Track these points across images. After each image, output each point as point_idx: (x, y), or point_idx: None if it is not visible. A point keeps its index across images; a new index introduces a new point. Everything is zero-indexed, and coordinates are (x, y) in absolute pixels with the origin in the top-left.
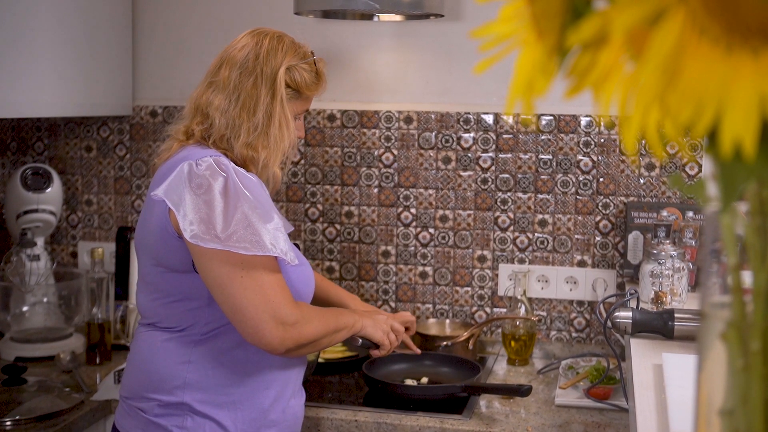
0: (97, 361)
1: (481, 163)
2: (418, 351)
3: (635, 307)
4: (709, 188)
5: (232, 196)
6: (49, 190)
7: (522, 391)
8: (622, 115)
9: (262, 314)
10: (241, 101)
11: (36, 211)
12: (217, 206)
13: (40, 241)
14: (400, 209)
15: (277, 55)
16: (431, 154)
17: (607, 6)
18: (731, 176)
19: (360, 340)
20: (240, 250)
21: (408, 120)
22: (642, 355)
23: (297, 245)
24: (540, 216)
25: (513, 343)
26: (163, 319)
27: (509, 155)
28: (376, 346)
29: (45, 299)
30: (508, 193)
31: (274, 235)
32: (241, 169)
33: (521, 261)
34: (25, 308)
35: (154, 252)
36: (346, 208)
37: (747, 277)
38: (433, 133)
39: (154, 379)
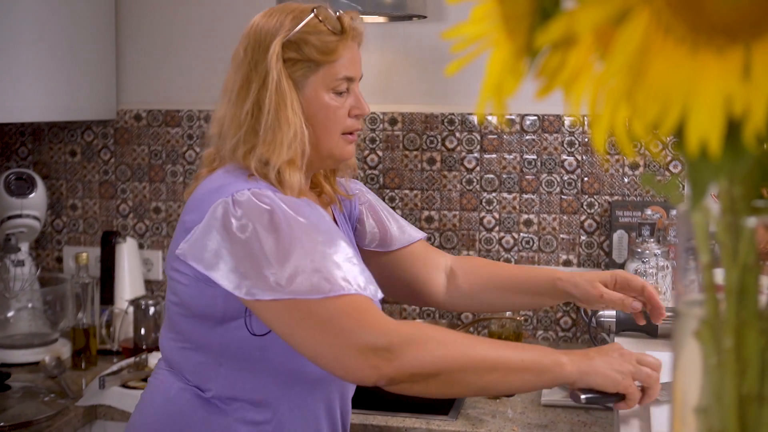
0: (83, 366)
1: (465, 163)
2: None
3: None
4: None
5: (284, 230)
6: (32, 195)
7: None
8: (593, 114)
9: (339, 351)
10: (233, 101)
11: (20, 216)
12: (268, 248)
13: (24, 247)
14: None
15: (268, 33)
16: (416, 155)
17: (574, 6)
18: (699, 174)
19: (583, 397)
20: (309, 295)
21: (392, 121)
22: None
23: None
24: (525, 216)
25: None
26: (178, 365)
27: (494, 155)
28: (618, 397)
29: (30, 305)
30: (493, 194)
31: (346, 266)
32: (289, 197)
33: (507, 261)
34: (9, 314)
35: (178, 289)
36: None
37: (720, 275)
38: (418, 135)
39: (167, 424)
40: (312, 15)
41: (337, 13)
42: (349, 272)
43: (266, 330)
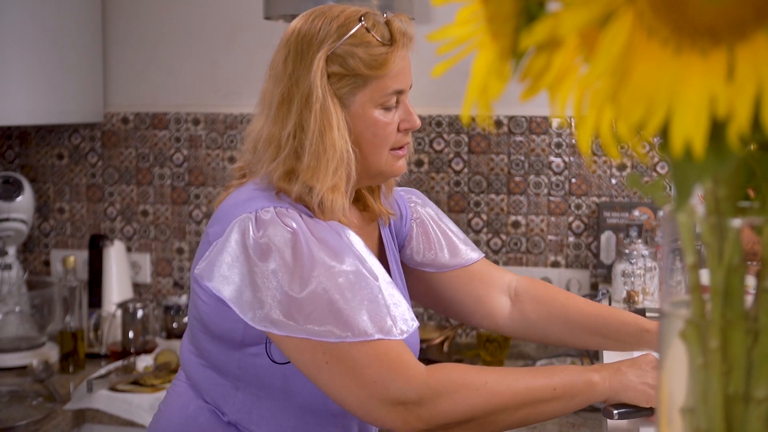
0: (71, 370)
1: (453, 165)
2: None
3: None
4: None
5: (305, 258)
6: (19, 198)
7: None
8: (578, 115)
9: (366, 401)
10: (271, 118)
11: (7, 220)
12: (285, 276)
13: (11, 250)
14: None
15: (311, 44)
16: None
17: (559, 8)
18: (684, 175)
19: (615, 413)
20: (324, 337)
21: None
22: (614, 354)
23: None
24: (513, 217)
25: (488, 345)
26: (197, 381)
27: (482, 157)
28: (652, 411)
29: (17, 308)
30: (481, 195)
31: (370, 307)
32: (316, 221)
33: (495, 262)
34: None
35: (198, 305)
36: None
37: (705, 276)
38: None
39: None
40: (360, 25)
41: (385, 16)
42: (374, 314)
43: (287, 359)
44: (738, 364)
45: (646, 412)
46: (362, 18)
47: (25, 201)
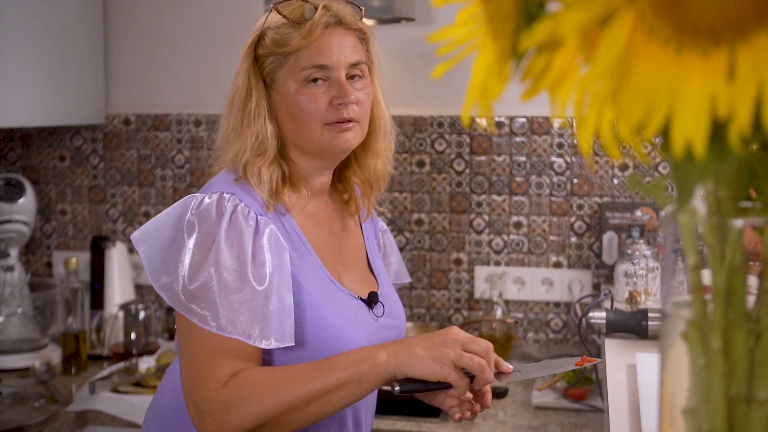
0: (73, 371)
1: (455, 165)
2: (510, 368)
3: (609, 308)
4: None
5: (211, 248)
6: (21, 200)
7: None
8: (578, 116)
9: (187, 395)
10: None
11: (9, 221)
12: (191, 256)
13: (13, 252)
14: None
15: (249, 36)
16: (405, 158)
17: (559, 8)
18: (685, 176)
19: (397, 388)
20: (196, 318)
21: None
22: (616, 355)
23: None
24: (515, 218)
25: None
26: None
27: (483, 158)
28: (442, 385)
29: (20, 310)
30: (483, 196)
31: (244, 308)
32: (244, 216)
33: (497, 263)
34: None
35: None
36: None
37: (707, 276)
38: (407, 137)
39: (183, 419)
40: (270, 7)
41: (320, 2)
42: (245, 316)
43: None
44: (740, 365)
45: (436, 387)
46: (277, 4)
47: (27, 203)
